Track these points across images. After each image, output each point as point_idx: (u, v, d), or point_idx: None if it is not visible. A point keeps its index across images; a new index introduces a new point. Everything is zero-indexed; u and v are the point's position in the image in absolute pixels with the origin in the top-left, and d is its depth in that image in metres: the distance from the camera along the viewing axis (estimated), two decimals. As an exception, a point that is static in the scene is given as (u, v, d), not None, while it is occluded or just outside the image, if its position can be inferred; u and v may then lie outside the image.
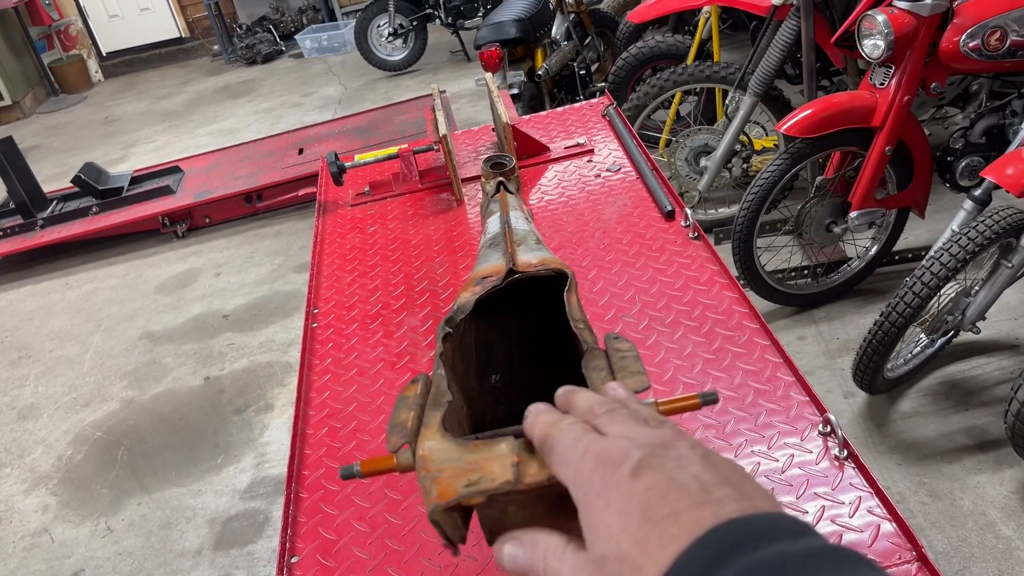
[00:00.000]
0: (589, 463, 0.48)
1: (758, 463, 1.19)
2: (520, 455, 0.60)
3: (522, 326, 1.06)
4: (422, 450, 0.65)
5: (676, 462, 0.45)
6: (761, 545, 0.37)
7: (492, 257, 1.07)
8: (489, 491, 0.58)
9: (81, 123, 8.18)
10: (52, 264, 4.86)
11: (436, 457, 0.63)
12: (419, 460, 0.65)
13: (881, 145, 2.66)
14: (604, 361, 0.75)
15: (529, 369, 1.09)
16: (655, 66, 4.14)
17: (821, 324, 2.96)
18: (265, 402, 3.24)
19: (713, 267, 1.63)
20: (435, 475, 0.61)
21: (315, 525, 1.26)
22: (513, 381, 1.08)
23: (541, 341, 1.10)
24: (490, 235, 1.16)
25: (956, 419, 2.44)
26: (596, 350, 0.79)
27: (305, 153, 5.06)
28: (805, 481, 1.15)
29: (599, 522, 0.45)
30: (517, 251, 1.06)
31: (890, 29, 2.51)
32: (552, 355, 1.09)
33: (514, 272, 1.00)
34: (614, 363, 0.73)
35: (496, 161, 1.41)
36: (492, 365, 1.08)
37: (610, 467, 0.46)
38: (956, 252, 2.17)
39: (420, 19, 7.06)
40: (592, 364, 0.76)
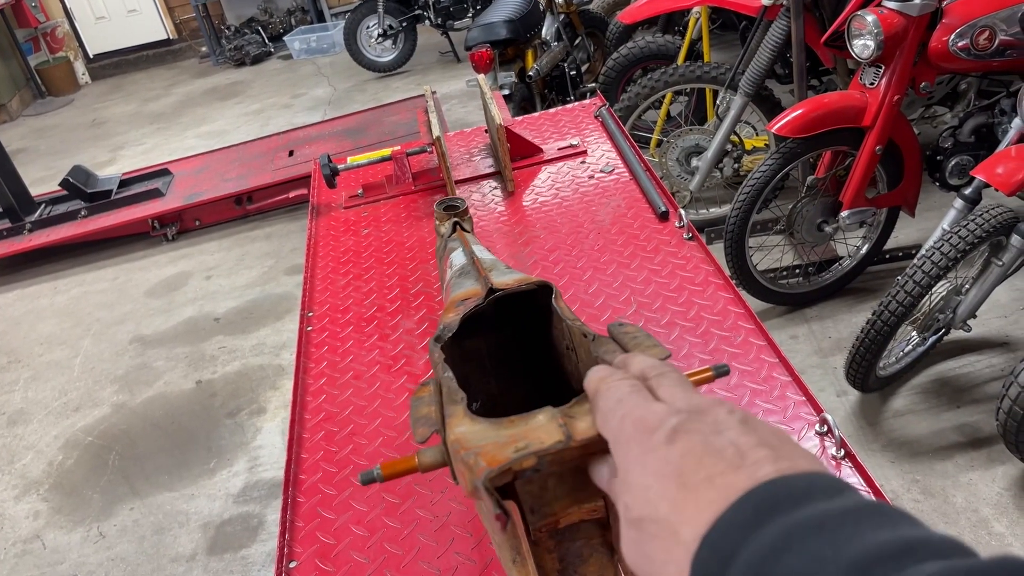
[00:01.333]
0: (628, 428, 0.49)
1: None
2: (563, 417, 0.59)
3: (498, 351, 1.04)
4: (454, 434, 0.63)
5: (712, 427, 0.45)
6: (799, 505, 0.37)
7: (466, 284, 1.05)
8: (542, 452, 0.57)
9: (68, 126, 8.13)
10: (40, 268, 4.83)
11: (471, 437, 0.61)
12: (453, 444, 0.63)
13: (871, 144, 2.67)
14: (614, 344, 0.73)
15: (509, 397, 1.06)
16: (645, 66, 4.14)
17: (813, 323, 2.98)
18: (258, 405, 3.23)
19: (708, 268, 1.63)
20: (477, 451, 0.59)
21: (313, 530, 1.25)
22: (493, 409, 1.04)
23: (519, 366, 1.07)
24: (457, 267, 1.14)
25: (948, 417, 2.45)
26: (602, 336, 0.77)
27: (295, 155, 5.04)
28: (803, 481, 1.15)
29: (636, 485, 0.46)
30: (490, 275, 1.04)
31: (879, 29, 2.52)
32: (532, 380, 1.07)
33: (495, 290, 0.97)
34: (626, 344, 0.71)
35: (449, 204, 1.42)
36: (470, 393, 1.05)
37: (647, 432, 0.47)
38: (947, 251, 2.18)
39: (409, 20, 7.05)
40: (603, 348, 0.74)
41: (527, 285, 0.96)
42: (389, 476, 0.70)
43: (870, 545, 0.34)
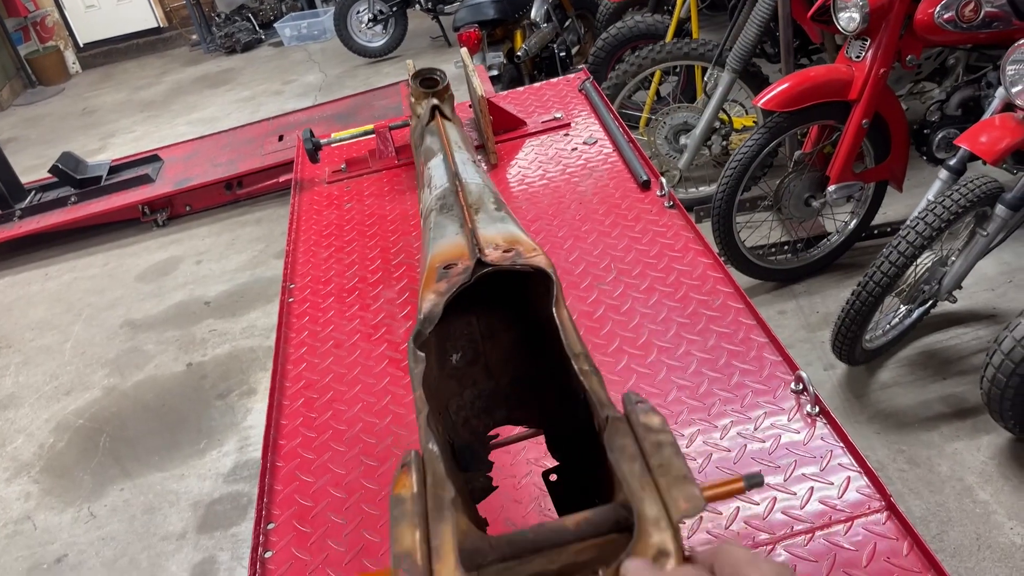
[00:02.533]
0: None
1: (732, 422, 1.20)
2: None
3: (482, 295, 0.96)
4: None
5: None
6: None
7: (448, 230, 0.97)
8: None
9: (59, 115, 8.10)
10: (31, 255, 4.82)
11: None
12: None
13: (858, 118, 2.67)
14: (633, 443, 0.63)
15: (492, 343, 1.01)
16: (635, 46, 4.12)
17: (801, 298, 2.98)
18: (248, 387, 3.23)
19: (688, 235, 1.63)
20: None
21: (291, 492, 1.26)
22: (475, 359, 1.00)
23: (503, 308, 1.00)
24: (438, 191, 1.03)
25: (934, 388, 2.46)
26: (618, 421, 0.65)
27: (285, 140, 5.03)
28: (777, 438, 1.16)
29: None
30: (477, 222, 0.95)
31: (865, 2, 2.51)
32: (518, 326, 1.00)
33: (483, 264, 0.90)
34: (648, 454, 0.60)
35: (426, 76, 1.22)
36: (450, 341, 0.98)
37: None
38: (931, 221, 2.18)
39: (400, 5, 7.02)
40: (619, 444, 0.63)
41: (521, 266, 0.88)
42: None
43: None
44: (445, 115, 1.21)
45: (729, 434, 1.18)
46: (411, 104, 1.18)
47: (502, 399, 0.97)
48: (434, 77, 1.20)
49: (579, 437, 0.82)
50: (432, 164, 1.05)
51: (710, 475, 1.13)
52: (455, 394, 0.98)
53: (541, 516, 1.10)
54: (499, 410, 0.96)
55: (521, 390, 0.97)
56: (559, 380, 0.88)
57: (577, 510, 0.61)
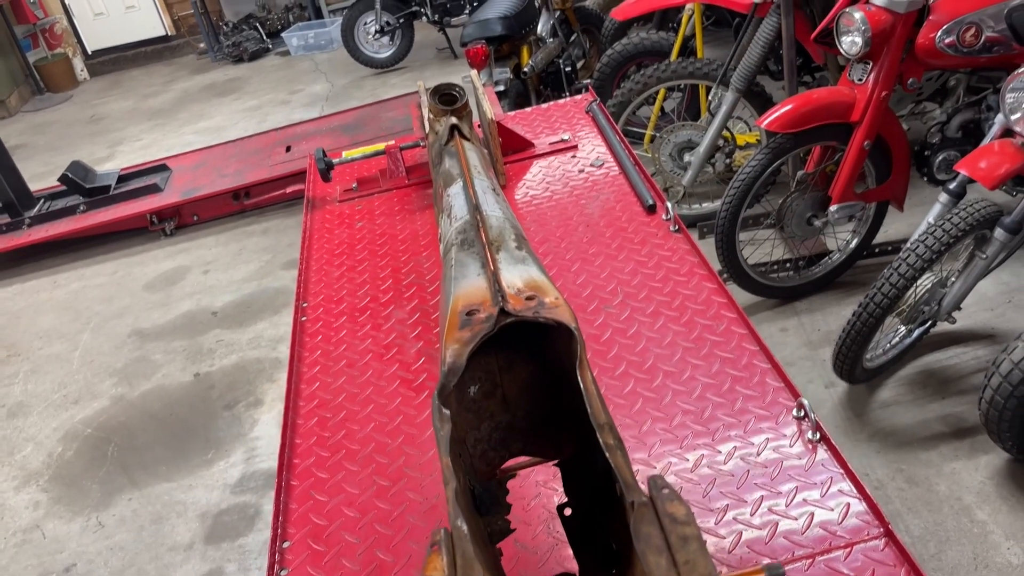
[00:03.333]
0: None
1: (735, 447, 1.24)
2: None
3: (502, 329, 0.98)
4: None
5: None
6: None
7: (469, 269, 0.97)
8: None
9: (67, 122, 8.15)
10: (40, 263, 4.86)
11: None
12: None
13: (860, 140, 2.71)
14: (659, 532, 0.62)
15: (510, 375, 1.02)
16: (640, 63, 4.17)
17: (803, 316, 3.01)
18: (255, 397, 3.27)
19: (693, 259, 1.67)
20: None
21: (306, 512, 1.29)
22: (493, 390, 1.02)
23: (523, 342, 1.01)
24: (458, 224, 1.03)
25: (933, 407, 2.49)
26: (644, 508, 0.66)
27: (292, 151, 5.08)
28: (779, 463, 1.20)
29: None
30: (499, 263, 0.96)
31: (867, 26, 2.56)
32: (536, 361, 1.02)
33: (506, 313, 0.90)
34: (675, 548, 0.60)
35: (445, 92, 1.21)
36: (468, 373, 0.98)
37: None
38: (932, 244, 2.22)
39: (407, 16, 7.08)
40: (644, 532, 0.63)
41: (544, 319, 0.89)
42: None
43: None
44: (464, 134, 1.21)
45: (733, 459, 1.21)
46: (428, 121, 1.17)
47: (518, 432, 0.99)
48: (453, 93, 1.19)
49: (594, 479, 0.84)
50: (452, 192, 1.06)
51: (714, 499, 1.17)
52: (472, 427, 1.00)
53: (550, 537, 1.14)
54: (515, 443, 0.98)
55: (537, 423, 1.00)
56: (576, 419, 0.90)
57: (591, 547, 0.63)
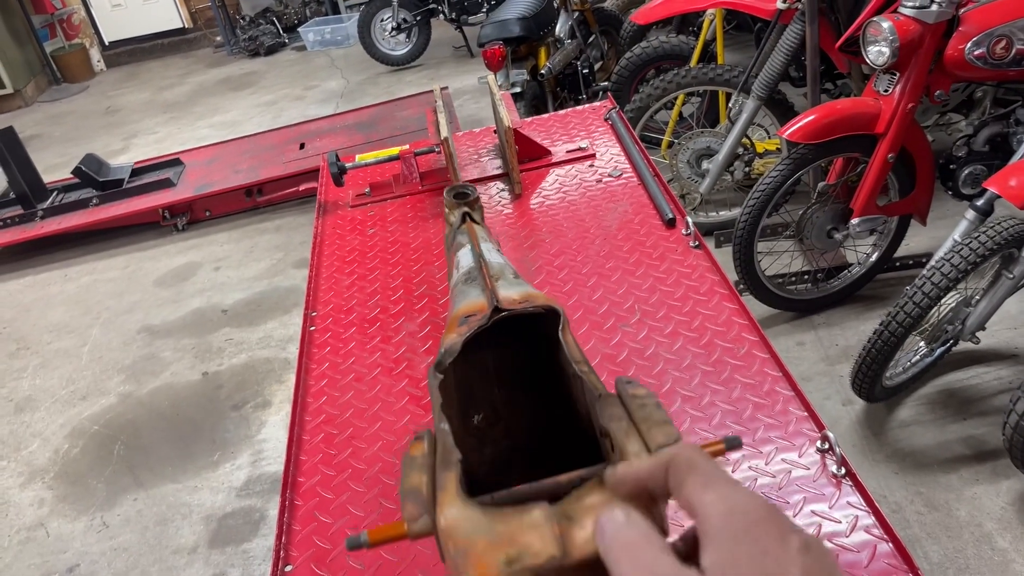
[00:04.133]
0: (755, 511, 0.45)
1: (755, 479, 1.19)
2: (560, 524, 0.56)
3: (503, 363, 1.02)
4: (444, 519, 0.61)
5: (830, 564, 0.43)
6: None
7: (471, 294, 1.03)
8: (534, 568, 0.54)
9: (83, 113, 8.17)
10: (51, 255, 4.85)
11: (462, 528, 0.59)
12: (443, 532, 0.60)
13: (884, 152, 2.65)
14: (621, 409, 0.70)
15: (512, 408, 1.05)
16: (658, 66, 4.12)
17: (820, 330, 2.96)
18: (263, 398, 3.24)
19: (713, 277, 1.62)
20: (466, 550, 0.57)
21: (309, 534, 1.25)
22: (496, 421, 1.04)
23: (524, 378, 1.05)
24: (464, 270, 1.12)
25: (954, 429, 2.44)
26: (609, 396, 0.74)
27: (306, 148, 5.05)
28: (802, 498, 1.15)
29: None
30: (497, 286, 1.01)
31: (895, 36, 2.50)
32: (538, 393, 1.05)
33: (500, 310, 0.95)
34: (633, 412, 0.68)
35: (459, 191, 1.37)
36: (473, 404, 1.03)
37: (776, 534, 0.43)
38: (957, 263, 2.16)
39: (424, 14, 7.04)
40: (608, 412, 0.70)
41: (533, 307, 0.94)
42: (376, 542, 0.68)
43: None
44: (474, 220, 1.33)
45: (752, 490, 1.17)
46: (445, 214, 1.35)
47: (520, 459, 0.99)
48: (466, 191, 1.36)
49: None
50: (460, 253, 1.16)
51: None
52: (474, 449, 1.00)
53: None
54: (517, 469, 0.98)
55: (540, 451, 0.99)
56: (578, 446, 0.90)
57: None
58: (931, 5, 2.51)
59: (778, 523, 0.44)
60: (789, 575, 0.41)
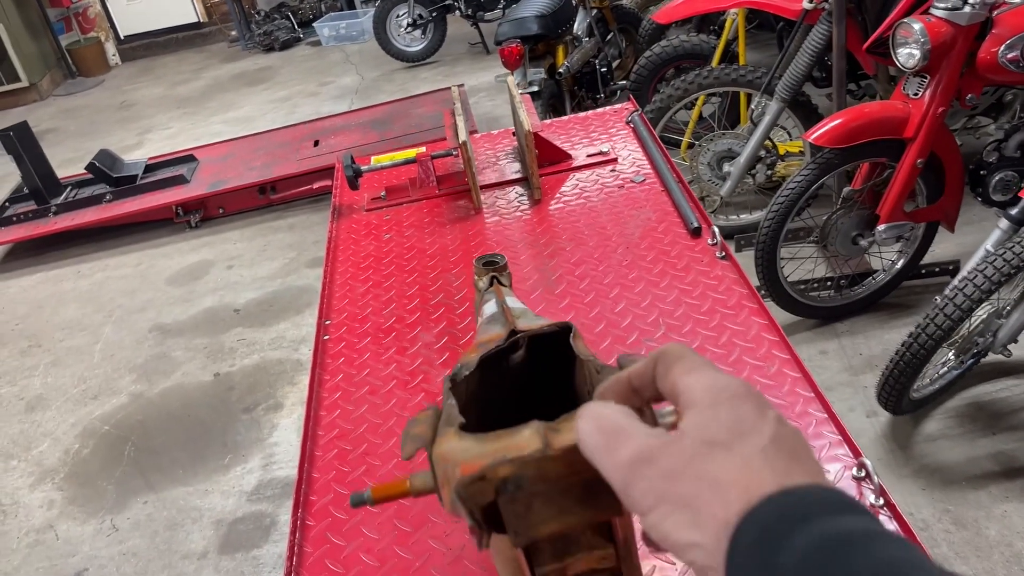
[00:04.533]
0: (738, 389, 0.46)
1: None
2: (547, 430, 0.57)
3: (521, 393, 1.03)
4: (440, 449, 0.62)
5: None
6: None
7: (492, 330, 1.04)
8: (518, 460, 0.55)
9: (97, 107, 8.16)
10: (64, 251, 4.83)
11: (456, 451, 0.60)
12: (437, 458, 0.62)
13: (913, 157, 2.58)
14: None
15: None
16: (678, 66, 4.05)
17: (844, 338, 2.89)
18: (275, 401, 3.20)
19: (741, 290, 1.56)
20: (456, 463, 0.58)
21: (321, 556, 1.21)
22: None
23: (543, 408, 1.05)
24: (487, 316, 1.13)
25: (983, 443, 2.37)
26: (609, 368, 0.76)
27: (320, 145, 5.01)
28: (838, 530, 1.09)
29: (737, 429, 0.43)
30: (517, 321, 1.03)
31: (927, 38, 2.43)
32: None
33: (516, 332, 0.96)
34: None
35: (488, 260, 1.38)
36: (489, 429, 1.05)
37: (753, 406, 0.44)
38: (990, 274, 2.09)
39: (440, 10, 6.98)
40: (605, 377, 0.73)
41: (548, 327, 0.94)
42: (380, 499, 0.69)
43: None
44: (502, 283, 1.32)
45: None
46: (474, 280, 1.35)
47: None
48: (495, 260, 1.37)
49: None
50: (485, 307, 1.18)
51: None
52: None
53: None
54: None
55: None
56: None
57: None
58: (964, 7, 2.43)
59: (757, 399, 0.45)
60: (761, 434, 0.42)
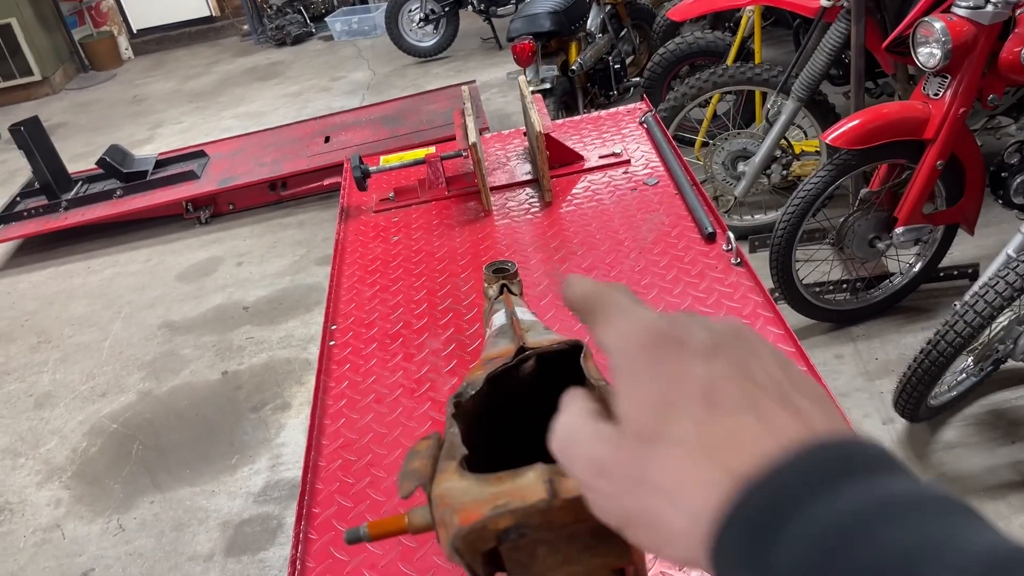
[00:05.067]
0: (644, 335, 0.39)
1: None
2: (552, 474, 0.54)
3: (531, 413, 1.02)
4: (439, 489, 0.59)
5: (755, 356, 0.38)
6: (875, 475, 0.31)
7: (500, 344, 1.00)
8: (521, 510, 0.52)
9: (110, 101, 8.16)
10: (75, 247, 4.83)
11: (456, 492, 0.57)
12: (436, 499, 0.59)
13: (932, 159, 2.52)
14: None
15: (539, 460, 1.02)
16: (692, 63, 4.00)
17: (859, 342, 2.84)
18: (282, 400, 3.18)
19: (756, 298, 1.52)
20: (456, 507, 0.55)
21: (324, 572, 1.18)
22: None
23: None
24: (496, 327, 1.10)
25: (1003, 452, 2.32)
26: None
27: (331, 141, 4.98)
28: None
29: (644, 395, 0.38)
30: (526, 335, 0.99)
31: (948, 38, 2.37)
32: None
33: (525, 349, 0.93)
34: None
35: (498, 267, 1.34)
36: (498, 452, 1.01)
37: (674, 343, 0.38)
38: (1013, 280, 2.04)
39: (452, 5, 6.94)
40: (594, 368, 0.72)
41: (559, 344, 0.91)
42: (376, 536, 0.66)
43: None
44: (512, 292, 1.29)
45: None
46: (484, 288, 1.32)
47: None
48: (505, 267, 1.34)
49: None
50: (495, 317, 1.14)
51: None
52: None
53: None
54: None
55: None
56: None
57: None
58: (986, 5, 2.38)
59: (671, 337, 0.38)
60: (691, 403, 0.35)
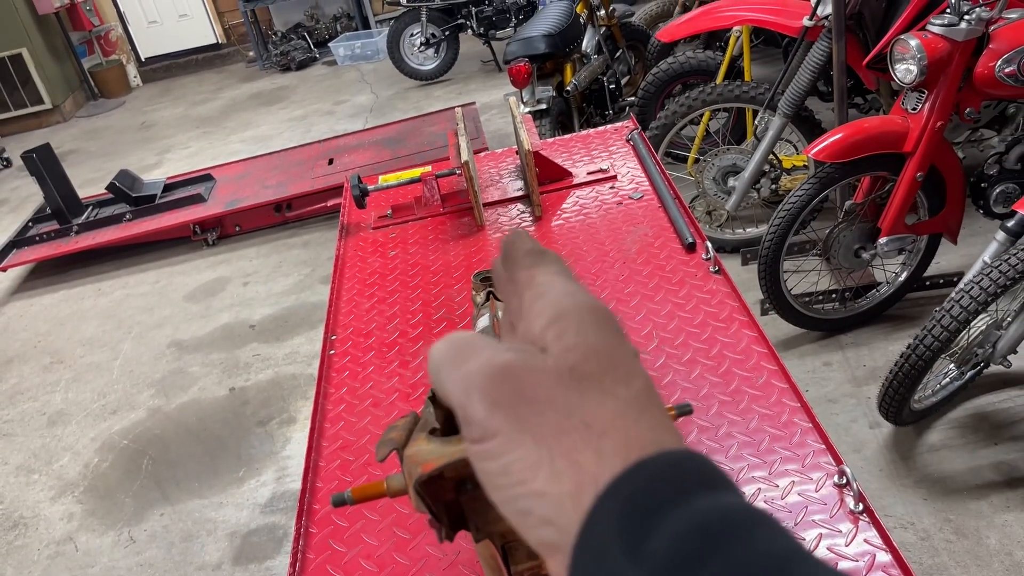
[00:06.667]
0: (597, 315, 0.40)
1: (771, 514, 1.17)
2: None
3: None
4: (409, 451, 0.64)
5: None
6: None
7: None
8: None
9: (119, 128, 8.32)
10: (86, 270, 4.94)
11: (422, 451, 0.62)
12: (406, 458, 0.65)
13: (912, 171, 2.61)
14: None
15: None
16: (685, 82, 4.11)
17: (848, 350, 2.92)
18: (288, 415, 3.26)
19: (733, 303, 1.61)
20: (420, 461, 0.60)
21: (323, 562, 1.26)
22: None
23: None
24: (479, 329, 1.15)
25: (985, 454, 2.39)
26: None
27: (335, 164, 5.10)
28: (818, 534, 1.13)
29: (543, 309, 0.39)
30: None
31: (923, 54, 2.47)
32: None
33: None
34: None
35: (485, 275, 1.41)
36: None
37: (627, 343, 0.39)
38: (987, 285, 2.12)
39: (452, 29, 7.09)
40: None
41: None
42: (359, 499, 0.73)
43: None
44: (498, 299, 1.37)
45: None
46: (472, 296, 1.40)
47: None
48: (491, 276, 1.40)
49: None
50: (479, 320, 1.20)
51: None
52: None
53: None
54: None
55: None
56: None
57: None
58: (960, 23, 2.47)
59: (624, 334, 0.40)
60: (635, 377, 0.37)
